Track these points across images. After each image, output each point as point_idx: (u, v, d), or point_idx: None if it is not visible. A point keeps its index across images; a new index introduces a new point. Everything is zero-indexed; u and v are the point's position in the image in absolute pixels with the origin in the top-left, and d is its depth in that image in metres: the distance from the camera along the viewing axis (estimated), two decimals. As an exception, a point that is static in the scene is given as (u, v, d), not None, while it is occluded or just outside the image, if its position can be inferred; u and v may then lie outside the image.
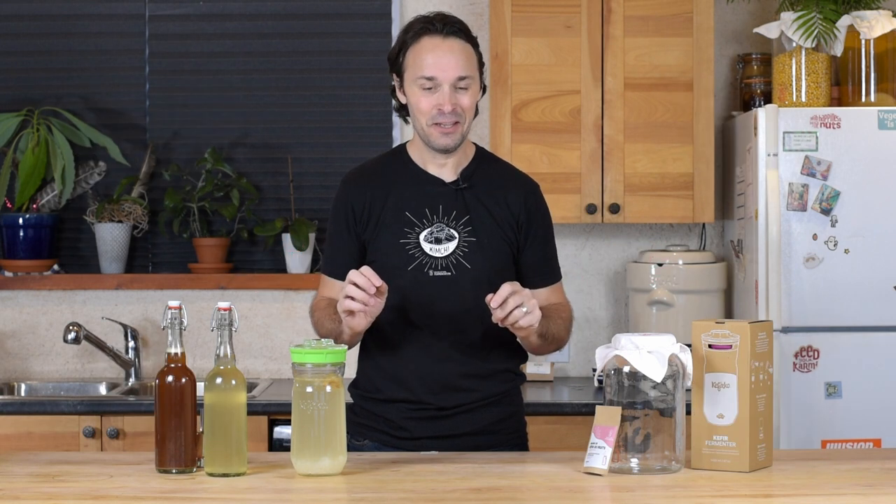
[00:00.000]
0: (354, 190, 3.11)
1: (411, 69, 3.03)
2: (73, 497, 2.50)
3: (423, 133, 3.05)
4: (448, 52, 3.01)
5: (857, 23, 4.18)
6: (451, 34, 3.03)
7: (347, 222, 3.10)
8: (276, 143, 4.74)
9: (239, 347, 4.51)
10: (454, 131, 3.02)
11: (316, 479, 2.64)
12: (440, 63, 3.00)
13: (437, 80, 3.00)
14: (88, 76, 4.75)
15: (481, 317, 2.98)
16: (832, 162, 4.05)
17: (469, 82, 3.02)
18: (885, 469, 2.73)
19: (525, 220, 3.11)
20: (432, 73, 3.00)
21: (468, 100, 3.02)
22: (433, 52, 3.01)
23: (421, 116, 3.03)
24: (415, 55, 3.03)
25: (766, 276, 4.03)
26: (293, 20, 4.74)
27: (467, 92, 3.02)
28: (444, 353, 3.04)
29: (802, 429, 4.04)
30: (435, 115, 3.01)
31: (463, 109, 3.01)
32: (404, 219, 3.05)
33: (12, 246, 4.62)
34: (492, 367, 3.08)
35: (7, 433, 4.07)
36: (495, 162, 3.20)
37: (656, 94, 4.34)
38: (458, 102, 3.00)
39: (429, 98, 3.01)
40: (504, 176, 3.15)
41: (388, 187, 3.08)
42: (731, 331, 2.69)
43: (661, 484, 2.60)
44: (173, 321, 2.69)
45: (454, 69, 3.00)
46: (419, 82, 3.01)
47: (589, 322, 4.69)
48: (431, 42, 3.02)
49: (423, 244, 3.04)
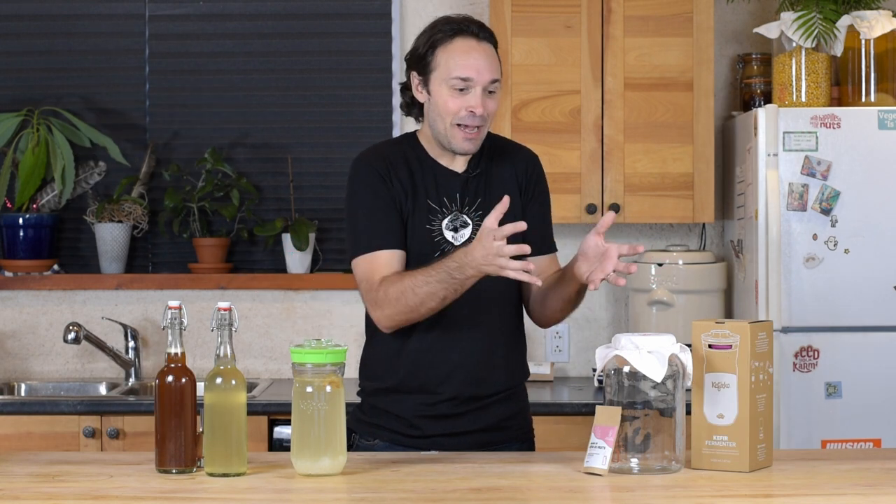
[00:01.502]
0: (383, 169, 3.06)
1: (443, 68, 3.02)
2: (73, 497, 2.50)
3: (443, 133, 3.04)
4: (484, 54, 3.03)
5: (857, 23, 4.18)
6: (485, 39, 3.05)
7: (390, 193, 3.03)
8: (276, 143, 4.74)
9: (239, 347, 4.51)
10: (476, 136, 3.04)
11: (316, 479, 2.64)
12: (477, 65, 3.01)
13: (473, 81, 3.00)
14: (88, 76, 4.75)
15: (497, 302, 3.05)
16: (832, 162, 4.05)
17: (497, 87, 3.05)
18: (885, 469, 2.73)
19: (525, 184, 3.14)
20: (468, 74, 3.00)
21: (494, 105, 3.05)
22: (469, 54, 3.01)
23: (447, 116, 3.02)
24: (448, 55, 3.02)
25: (766, 276, 4.03)
26: (293, 20, 4.74)
27: (495, 97, 3.05)
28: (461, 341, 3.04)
29: (802, 429, 4.04)
30: (463, 117, 3.01)
31: (489, 114, 3.04)
32: (427, 206, 3.06)
33: (12, 246, 4.62)
34: (504, 358, 3.10)
35: (7, 433, 4.07)
36: (501, 143, 3.21)
37: (656, 94, 4.34)
38: (486, 107, 3.02)
39: (458, 99, 3.01)
40: (506, 151, 3.18)
41: (411, 174, 3.07)
42: (731, 331, 2.69)
43: (661, 484, 2.60)
44: (173, 321, 2.69)
45: (489, 72, 3.01)
46: (451, 82, 3.01)
47: (589, 322, 4.69)
48: (467, 44, 3.03)
49: (446, 232, 3.05)
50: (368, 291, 3.00)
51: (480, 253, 2.80)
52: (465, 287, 2.88)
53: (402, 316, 2.95)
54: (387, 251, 3.01)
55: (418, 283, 2.91)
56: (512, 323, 3.14)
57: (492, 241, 2.77)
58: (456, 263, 2.86)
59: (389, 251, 3.01)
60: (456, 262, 2.86)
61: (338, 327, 4.67)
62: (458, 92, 3.01)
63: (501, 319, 3.11)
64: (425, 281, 2.90)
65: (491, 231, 2.78)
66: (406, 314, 2.94)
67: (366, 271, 3.01)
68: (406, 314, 2.94)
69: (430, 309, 2.92)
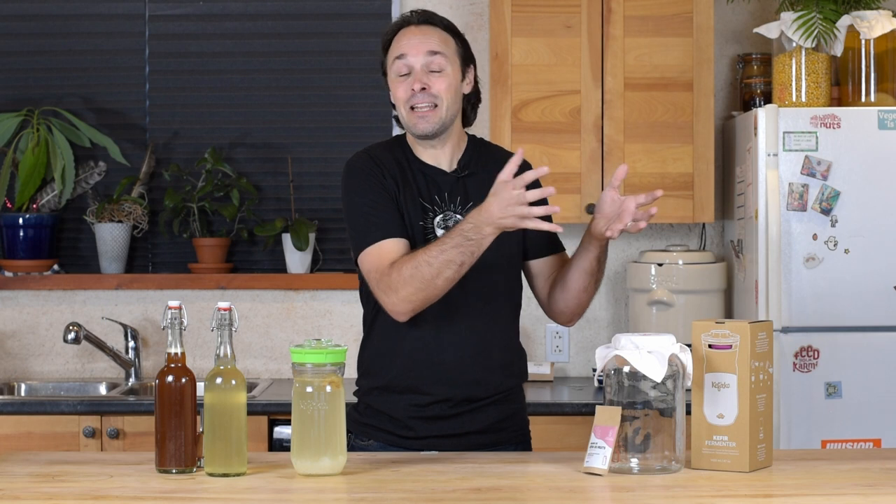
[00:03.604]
0: (375, 168, 3.06)
1: (388, 60, 3.08)
2: (73, 497, 2.50)
3: (405, 122, 3.07)
4: (419, 32, 3.06)
5: (857, 23, 4.18)
6: (424, 21, 3.08)
7: (385, 187, 3.03)
8: (276, 143, 4.75)
9: (239, 347, 4.51)
10: (429, 114, 3.03)
11: (316, 479, 2.64)
12: (411, 41, 3.04)
13: (408, 58, 3.03)
14: (88, 76, 4.75)
15: (495, 303, 3.05)
16: (832, 162, 4.05)
17: (442, 62, 3.04)
18: (885, 469, 2.73)
19: None
20: (402, 51, 3.04)
21: (442, 82, 3.03)
22: (405, 36, 3.06)
23: (400, 105, 3.06)
24: (392, 48, 3.08)
25: (766, 276, 4.03)
26: (293, 20, 4.74)
27: (440, 75, 3.04)
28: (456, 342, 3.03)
29: (802, 429, 4.04)
30: (409, 98, 3.02)
31: (438, 92, 3.02)
32: (419, 204, 3.05)
33: (12, 246, 4.62)
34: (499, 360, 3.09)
35: (7, 433, 4.07)
36: (489, 147, 3.22)
37: (656, 94, 4.34)
38: (431, 83, 3.02)
39: (403, 83, 3.04)
40: (500, 160, 3.16)
41: (401, 174, 3.07)
42: (731, 331, 2.69)
43: (661, 484, 2.60)
44: (173, 321, 2.69)
45: (423, 45, 3.03)
46: (394, 67, 3.05)
47: (589, 322, 4.69)
48: (405, 31, 3.08)
49: (437, 230, 3.04)
50: (380, 279, 2.94)
51: (498, 206, 2.76)
52: (481, 249, 2.84)
53: (419, 294, 2.88)
54: (391, 240, 2.98)
55: (432, 254, 2.86)
56: (510, 324, 3.13)
57: (510, 190, 2.75)
58: (471, 224, 2.82)
59: (394, 239, 2.98)
60: (471, 222, 2.82)
61: (338, 327, 4.68)
62: (402, 77, 3.04)
63: (499, 320, 3.09)
64: (440, 250, 2.85)
65: (507, 182, 2.76)
66: (423, 291, 2.88)
67: (374, 262, 2.97)
68: (423, 291, 2.88)
69: (448, 280, 2.86)
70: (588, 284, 3.06)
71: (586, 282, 3.06)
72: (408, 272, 2.88)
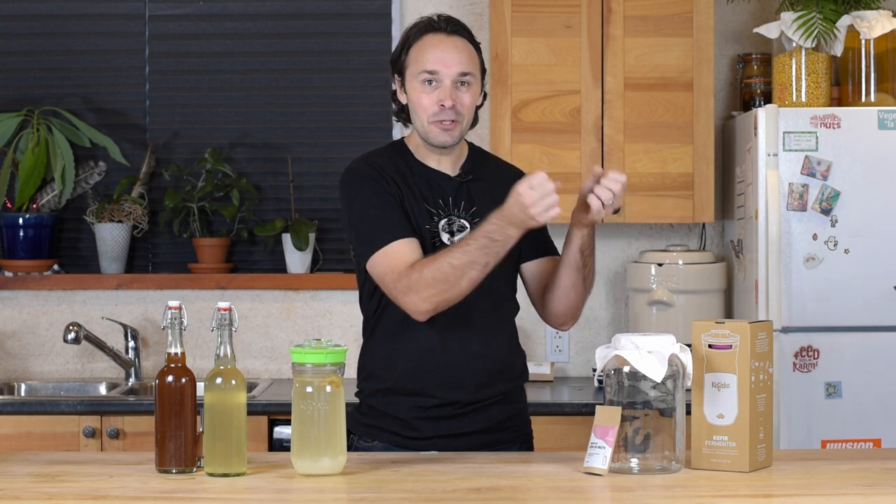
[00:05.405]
0: (376, 173, 3.05)
1: (413, 65, 3.04)
2: (73, 497, 2.50)
3: (423, 130, 3.05)
4: (451, 47, 3.02)
5: (857, 23, 4.18)
6: (455, 32, 3.05)
7: (390, 193, 3.01)
8: (276, 143, 4.75)
9: (239, 347, 4.51)
10: (453, 128, 3.03)
11: (316, 479, 2.64)
12: (443, 58, 3.01)
13: (440, 74, 3.01)
14: (88, 76, 4.75)
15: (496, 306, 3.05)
16: (832, 162, 4.05)
17: (471, 80, 3.03)
18: (885, 469, 2.73)
19: None
20: (434, 68, 3.01)
21: (469, 98, 3.03)
22: (436, 48, 3.02)
23: (422, 113, 3.03)
24: (417, 51, 3.04)
25: (766, 276, 4.03)
26: (293, 20, 4.74)
27: (468, 90, 3.03)
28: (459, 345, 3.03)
29: (802, 429, 4.04)
30: (436, 112, 3.01)
31: (463, 107, 3.02)
32: (423, 208, 3.05)
33: (12, 246, 4.62)
34: (504, 362, 3.09)
35: (7, 433, 4.07)
36: (489, 157, 3.24)
37: (656, 94, 4.34)
38: (458, 99, 3.01)
39: (430, 94, 3.02)
40: (500, 169, 3.20)
41: (403, 178, 3.07)
42: (731, 331, 2.69)
43: (661, 484, 2.60)
44: (173, 321, 2.69)
45: (456, 65, 3.01)
46: (421, 77, 3.02)
47: (589, 322, 4.69)
48: (435, 38, 3.04)
49: (442, 234, 3.04)
50: (397, 281, 2.92)
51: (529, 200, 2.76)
52: (506, 249, 2.85)
53: (441, 295, 2.87)
54: (403, 240, 2.96)
55: (455, 256, 2.85)
56: (511, 326, 3.14)
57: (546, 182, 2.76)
58: (495, 226, 2.82)
59: (405, 240, 2.96)
60: (494, 224, 2.82)
61: (338, 327, 4.68)
62: (429, 86, 3.02)
63: (502, 322, 3.10)
64: (463, 251, 2.85)
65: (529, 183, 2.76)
66: (445, 292, 2.87)
67: (387, 264, 2.95)
68: (445, 292, 2.87)
69: (472, 280, 2.85)
70: (576, 281, 3.06)
71: (573, 278, 3.06)
72: (429, 273, 2.87)
